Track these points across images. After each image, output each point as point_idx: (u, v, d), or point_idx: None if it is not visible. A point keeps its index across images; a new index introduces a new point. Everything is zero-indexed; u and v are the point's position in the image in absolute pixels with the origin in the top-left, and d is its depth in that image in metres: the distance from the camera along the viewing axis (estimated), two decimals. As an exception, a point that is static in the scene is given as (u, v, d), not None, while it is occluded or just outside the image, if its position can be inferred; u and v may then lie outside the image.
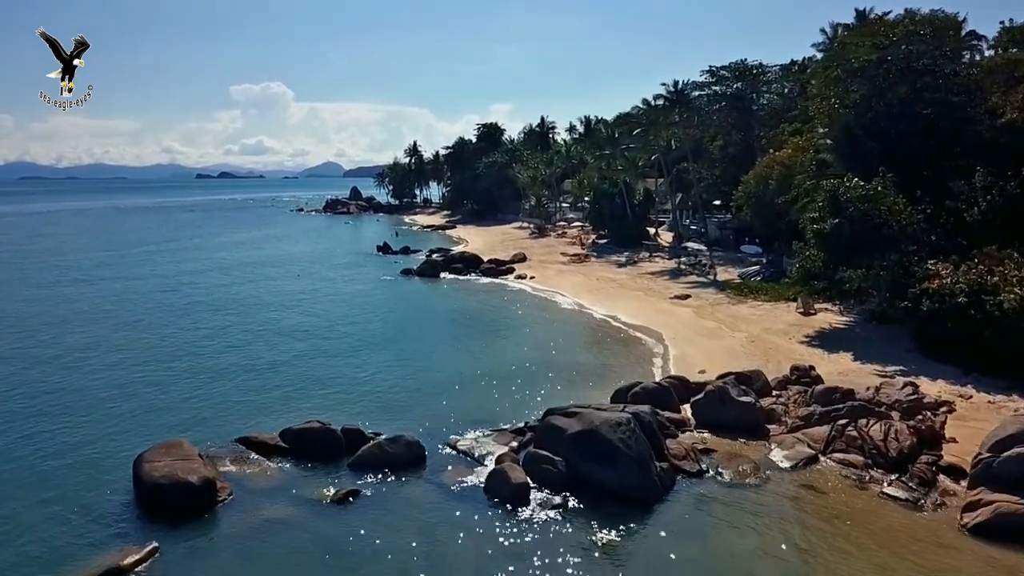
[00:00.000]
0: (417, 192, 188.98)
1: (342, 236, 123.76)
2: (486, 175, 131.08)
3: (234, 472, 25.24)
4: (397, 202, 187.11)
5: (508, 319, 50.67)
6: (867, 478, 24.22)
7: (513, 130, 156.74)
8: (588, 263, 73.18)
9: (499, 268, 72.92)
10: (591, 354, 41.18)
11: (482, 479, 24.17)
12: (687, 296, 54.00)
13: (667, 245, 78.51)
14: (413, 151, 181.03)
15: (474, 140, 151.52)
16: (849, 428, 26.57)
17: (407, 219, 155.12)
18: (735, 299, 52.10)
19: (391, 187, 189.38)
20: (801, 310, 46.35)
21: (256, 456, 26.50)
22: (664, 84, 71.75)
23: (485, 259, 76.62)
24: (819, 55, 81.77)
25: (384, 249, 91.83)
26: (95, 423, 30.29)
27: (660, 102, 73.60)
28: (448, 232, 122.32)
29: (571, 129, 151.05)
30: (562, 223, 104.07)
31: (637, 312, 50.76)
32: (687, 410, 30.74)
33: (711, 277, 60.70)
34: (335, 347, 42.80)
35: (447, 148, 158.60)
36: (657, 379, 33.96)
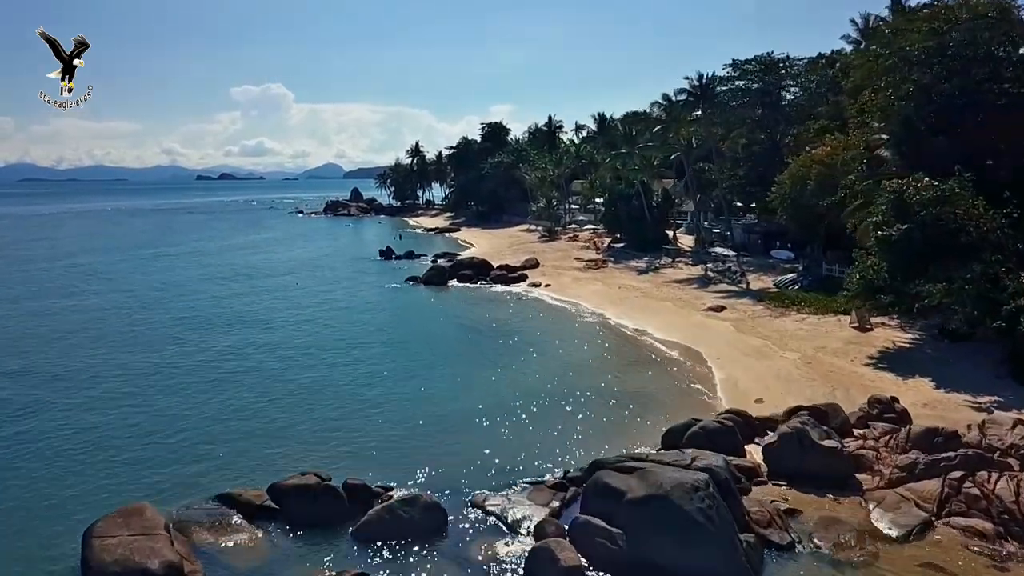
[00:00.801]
0: (419, 193, 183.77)
1: (343, 240, 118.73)
2: (491, 176, 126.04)
3: (209, 543, 20.27)
4: (399, 204, 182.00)
5: (527, 335, 45.58)
6: (1004, 553, 19.20)
7: (517, 130, 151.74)
8: (606, 269, 68.12)
9: (510, 275, 67.88)
10: (626, 378, 36.08)
11: (520, 556, 19.17)
12: (722, 307, 48.96)
13: (688, 249, 73.50)
14: (415, 151, 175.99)
15: (478, 140, 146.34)
16: (966, 484, 21.54)
17: (410, 221, 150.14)
18: (776, 311, 47.09)
19: (392, 188, 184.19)
20: (855, 325, 41.34)
21: (239, 519, 21.49)
22: (687, 78, 66.95)
23: (495, 265, 71.56)
24: (848, 47, 77.29)
25: (387, 254, 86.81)
26: (53, 476, 25.24)
27: (682, 97, 68.59)
28: (453, 235, 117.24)
29: (577, 128, 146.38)
30: (573, 225, 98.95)
31: (670, 326, 45.74)
32: (753, 452, 25.78)
33: (743, 286, 55.67)
34: (335, 375, 37.60)
35: (450, 148, 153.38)
36: (712, 412, 29.07)
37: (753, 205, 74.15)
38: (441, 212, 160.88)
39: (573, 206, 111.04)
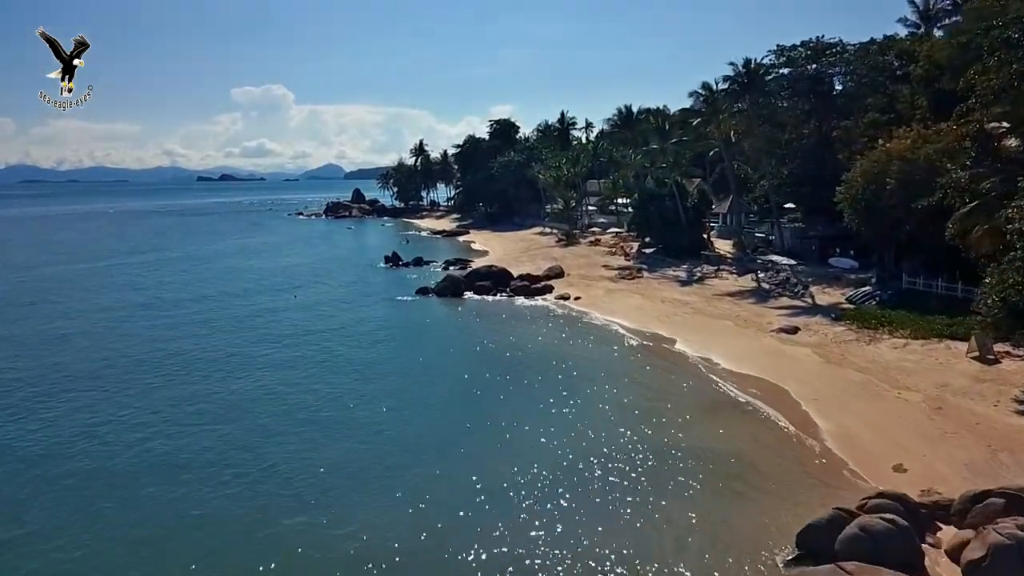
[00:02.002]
0: (423, 194, 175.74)
1: (345, 244, 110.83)
2: (501, 175, 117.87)
3: None
4: (402, 205, 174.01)
5: (564, 364, 37.68)
6: None
7: (521, 130, 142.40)
8: (641, 279, 60.15)
9: (534, 286, 60.00)
10: (706, 433, 28.16)
11: None
12: (795, 329, 41.10)
13: (730, 256, 65.61)
14: (419, 151, 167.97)
15: (486, 138, 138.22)
16: None
17: (414, 224, 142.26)
18: (862, 333, 39.19)
19: (396, 189, 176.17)
20: (975, 354, 33.43)
21: None
22: (732, 64, 59.06)
23: (515, 274, 63.63)
24: (904, 31, 69.56)
25: (394, 260, 78.86)
26: None
27: (725, 86, 60.69)
28: (461, 239, 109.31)
29: (587, 127, 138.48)
30: (594, 229, 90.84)
31: (739, 353, 37.84)
32: (935, 565, 17.96)
33: (808, 300, 47.76)
34: (334, 431, 29.81)
35: (457, 147, 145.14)
36: (839, 487, 21.24)
37: (790, 206, 66.33)
38: (447, 214, 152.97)
39: (590, 207, 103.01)
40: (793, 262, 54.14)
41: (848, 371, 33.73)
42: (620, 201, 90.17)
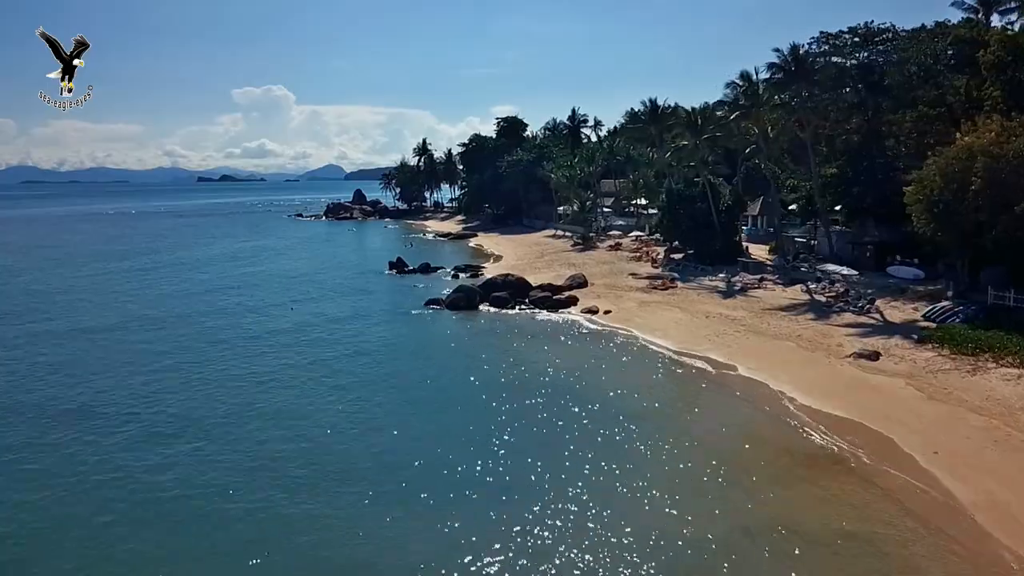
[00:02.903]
0: (427, 195, 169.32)
1: (347, 248, 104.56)
2: (510, 175, 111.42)
3: None
4: (406, 206, 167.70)
5: (606, 397, 31.51)
6: None
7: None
8: (675, 290, 53.84)
9: (555, 297, 53.73)
10: (809, 499, 22.01)
11: None
12: (875, 354, 34.83)
13: (769, 263, 59.35)
14: (423, 150, 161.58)
15: (493, 136, 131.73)
16: None
17: (418, 225, 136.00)
18: (959, 360, 32.93)
19: (398, 190, 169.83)
20: (1118, 392, 27.16)
21: None
22: (777, 51, 52.76)
23: (534, 283, 57.34)
24: (960, 16, 63.19)
25: (398, 266, 72.58)
26: None
27: (767, 76, 54.41)
28: (470, 242, 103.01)
29: (596, 126, 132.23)
30: (614, 232, 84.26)
31: (816, 384, 31.72)
32: None
33: (874, 316, 41.58)
34: (334, 496, 23.56)
35: (462, 145, 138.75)
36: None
37: (836, 207, 60.01)
38: (452, 215, 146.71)
39: (605, 209, 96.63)
40: (852, 272, 47.88)
41: (960, 411, 27.51)
42: (639, 202, 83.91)
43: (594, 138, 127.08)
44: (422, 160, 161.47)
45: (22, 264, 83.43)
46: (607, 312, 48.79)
